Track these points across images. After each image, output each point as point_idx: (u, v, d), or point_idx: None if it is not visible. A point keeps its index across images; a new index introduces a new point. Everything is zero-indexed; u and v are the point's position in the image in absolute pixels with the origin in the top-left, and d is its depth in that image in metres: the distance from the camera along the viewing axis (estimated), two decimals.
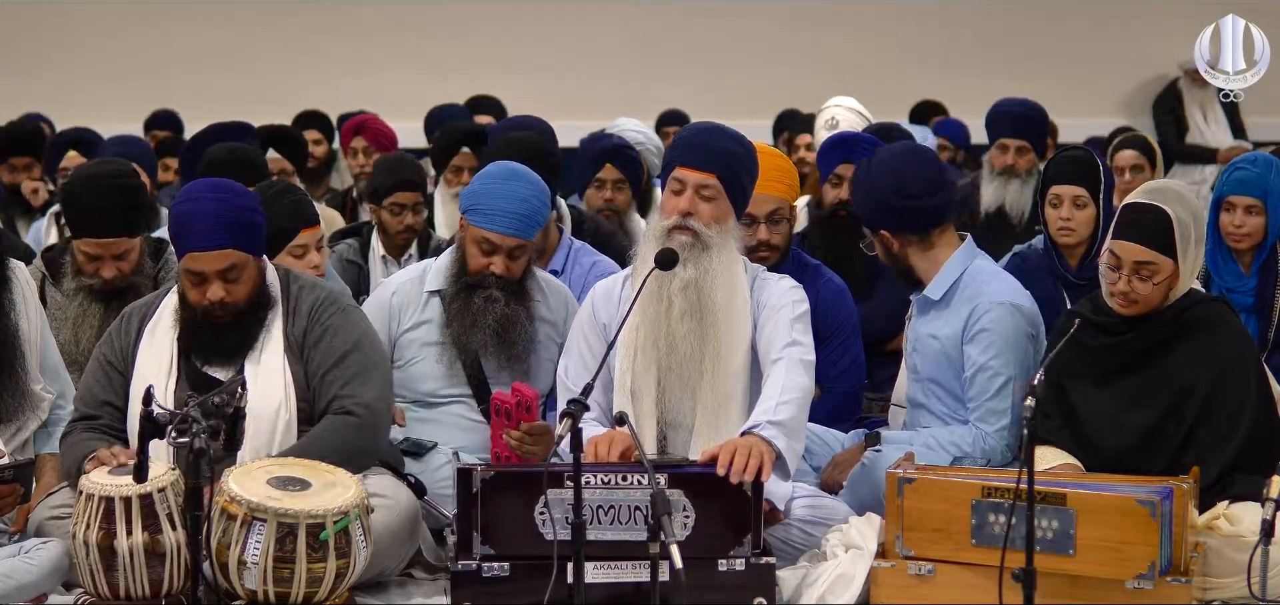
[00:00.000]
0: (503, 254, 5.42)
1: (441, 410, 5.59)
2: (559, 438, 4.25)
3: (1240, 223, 5.90)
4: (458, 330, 5.47)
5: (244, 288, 4.96)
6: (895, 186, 5.35)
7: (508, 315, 5.44)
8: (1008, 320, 5.28)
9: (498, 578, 4.63)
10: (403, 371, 5.58)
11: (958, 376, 5.35)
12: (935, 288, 5.36)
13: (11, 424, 5.19)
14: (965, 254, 5.40)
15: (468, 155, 7.74)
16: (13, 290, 5.21)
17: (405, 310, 5.57)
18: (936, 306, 5.38)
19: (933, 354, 5.39)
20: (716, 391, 5.00)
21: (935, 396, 5.42)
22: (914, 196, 5.34)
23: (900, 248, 5.39)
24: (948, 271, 5.36)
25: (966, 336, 5.31)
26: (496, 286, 5.43)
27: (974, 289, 5.33)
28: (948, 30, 12.75)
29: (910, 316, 5.57)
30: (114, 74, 11.90)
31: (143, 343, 5.04)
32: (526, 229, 5.45)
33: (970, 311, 5.30)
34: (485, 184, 5.50)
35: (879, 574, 4.74)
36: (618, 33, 12.58)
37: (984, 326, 5.27)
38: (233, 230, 4.92)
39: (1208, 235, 5.94)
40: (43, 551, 4.78)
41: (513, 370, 5.50)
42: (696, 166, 5.06)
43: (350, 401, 4.97)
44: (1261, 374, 5.04)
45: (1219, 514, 4.82)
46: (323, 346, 5.01)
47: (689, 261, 5.00)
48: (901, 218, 5.36)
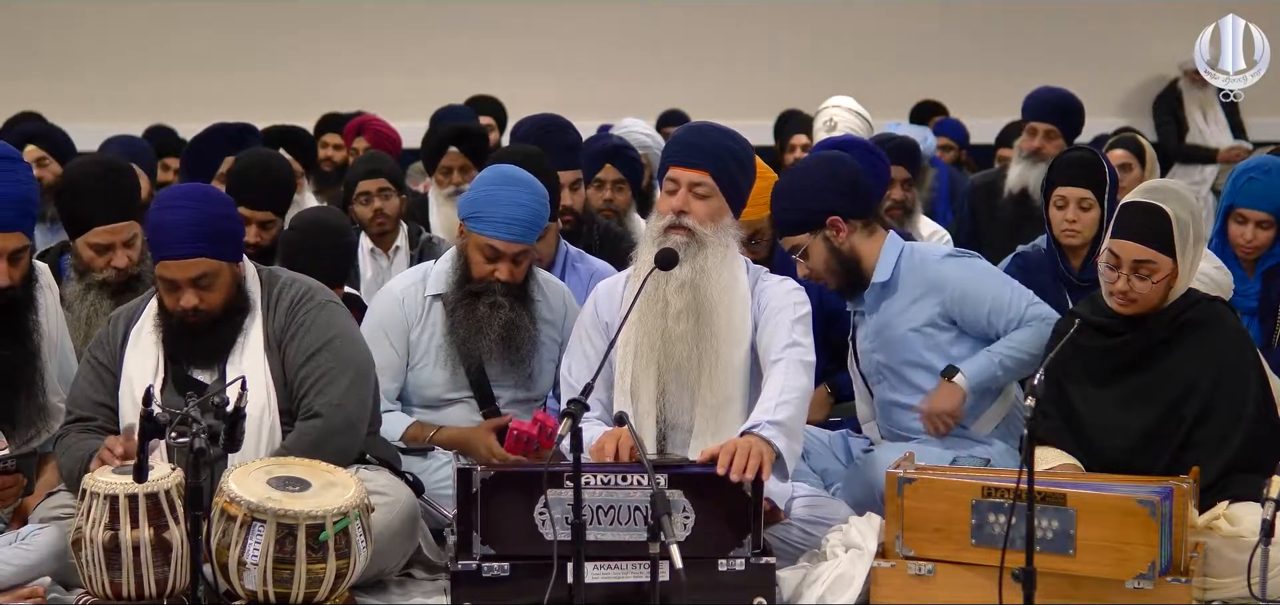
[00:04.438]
0: (507, 260, 5.42)
1: (443, 412, 5.59)
2: (559, 437, 4.25)
3: (1252, 237, 5.91)
4: (463, 336, 5.46)
5: (218, 295, 4.95)
6: (836, 169, 5.50)
7: (512, 320, 5.44)
8: (964, 261, 5.49)
9: (498, 578, 4.63)
10: (410, 375, 5.58)
11: (930, 348, 5.41)
12: (882, 271, 5.44)
13: (26, 434, 5.20)
14: (896, 237, 5.54)
15: (456, 155, 7.74)
16: (37, 309, 5.21)
17: (412, 315, 5.57)
18: (886, 292, 5.46)
19: (896, 338, 5.43)
20: (715, 392, 5.00)
21: (908, 385, 5.44)
22: (856, 176, 5.51)
23: (848, 236, 5.43)
24: (888, 253, 5.46)
25: (953, 309, 5.40)
26: (501, 292, 5.43)
27: (917, 260, 5.46)
28: (948, 30, 12.74)
29: (854, 333, 5.61)
30: (114, 74, 11.90)
31: (129, 347, 5.03)
32: (529, 233, 5.45)
33: (928, 286, 5.40)
34: (485, 191, 5.48)
35: (879, 574, 4.74)
36: (618, 33, 12.58)
37: (957, 284, 5.40)
38: (205, 239, 4.91)
39: (1213, 240, 5.95)
40: (40, 537, 4.82)
41: (516, 373, 5.50)
42: (689, 165, 5.07)
43: (318, 402, 4.96)
44: (1261, 374, 5.04)
45: (1219, 514, 4.82)
46: (296, 342, 5.01)
47: (684, 261, 5.00)
48: (853, 195, 5.45)
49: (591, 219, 6.85)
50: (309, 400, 4.96)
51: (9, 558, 4.78)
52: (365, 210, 7.19)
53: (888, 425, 5.57)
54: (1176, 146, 11.76)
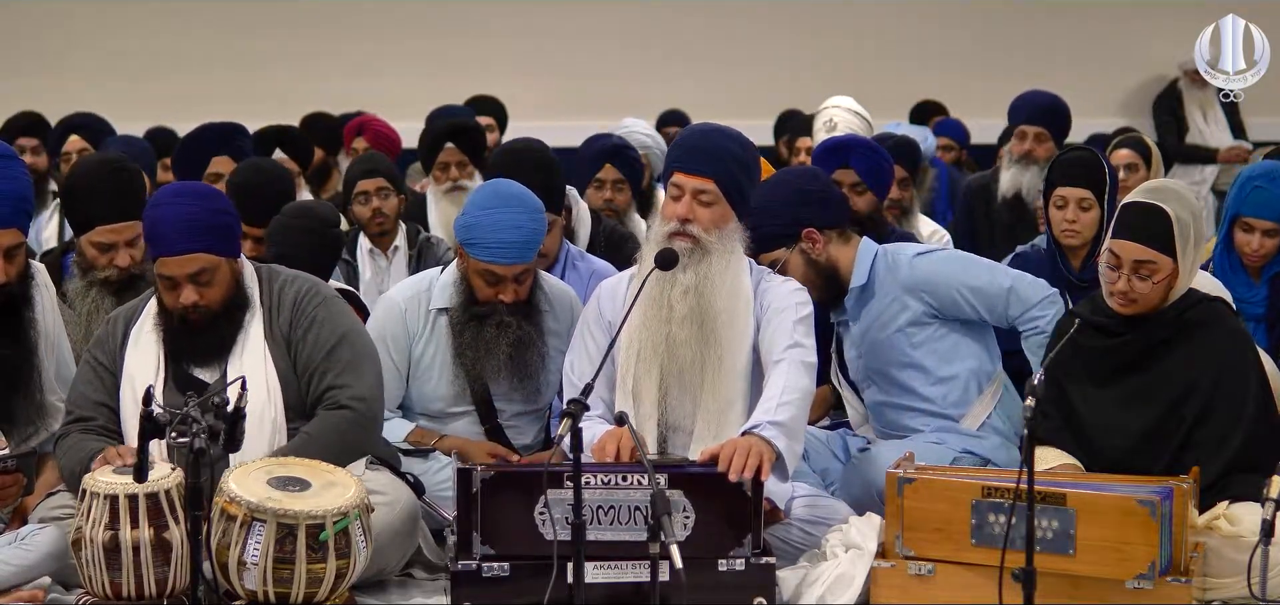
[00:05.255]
0: (509, 282, 5.39)
1: (446, 425, 5.58)
2: (559, 437, 4.25)
3: (1259, 246, 5.90)
4: (471, 359, 5.43)
5: (217, 291, 4.95)
6: (807, 182, 5.60)
7: (521, 339, 5.41)
8: (934, 255, 5.57)
9: (498, 578, 4.63)
10: (412, 387, 5.57)
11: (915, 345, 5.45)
12: (858, 274, 5.50)
13: (25, 432, 5.19)
14: (869, 242, 5.58)
15: (452, 150, 7.75)
16: (34, 307, 5.21)
17: (415, 327, 5.55)
18: (866, 295, 5.51)
19: (882, 342, 5.46)
20: (717, 396, 5.00)
21: (898, 386, 5.46)
22: (826, 187, 5.62)
23: (824, 246, 5.48)
24: (863, 258, 5.52)
25: (933, 303, 5.44)
26: (507, 312, 5.40)
27: (891, 261, 5.51)
28: (948, 30, 12.74)
29: (838, 344, 5.63)
30: (114, 74, 11.88)
31: (129, 347, 5.03)
32: (527, 252, 5.38)
33: (903, 286, 5.45)
34: (478, 215, 5.38)
35: (879, 574, 4.74)
36: (618, 33, 12.57)
37: (930, 278, 5.45)
38: (201, 234, 4.91)
39: (1218, 246, 5.95)
40: (39, 537, 4.82)
41: (524, 389, 5.49)
42: (693, 172, 5.06)
43: (344, 395, 4.96)
44: (1261, 374, 5.04)
45: (1219, 514, 4.82)
46: (310, 338, 5.00)
47: (689, 266, 5.00)
48: (825, 206, 5.53)
49: (599, 223, 6.85)
50: (334, 394, 4.96)
51: (9, 558, 4.78)
52: (364, 210, 7.19)
53: (883, 426, 5.58)
54: (1176, 146, 11.76)
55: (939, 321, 5.45)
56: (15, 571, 4.77)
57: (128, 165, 5.81)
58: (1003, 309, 5.43)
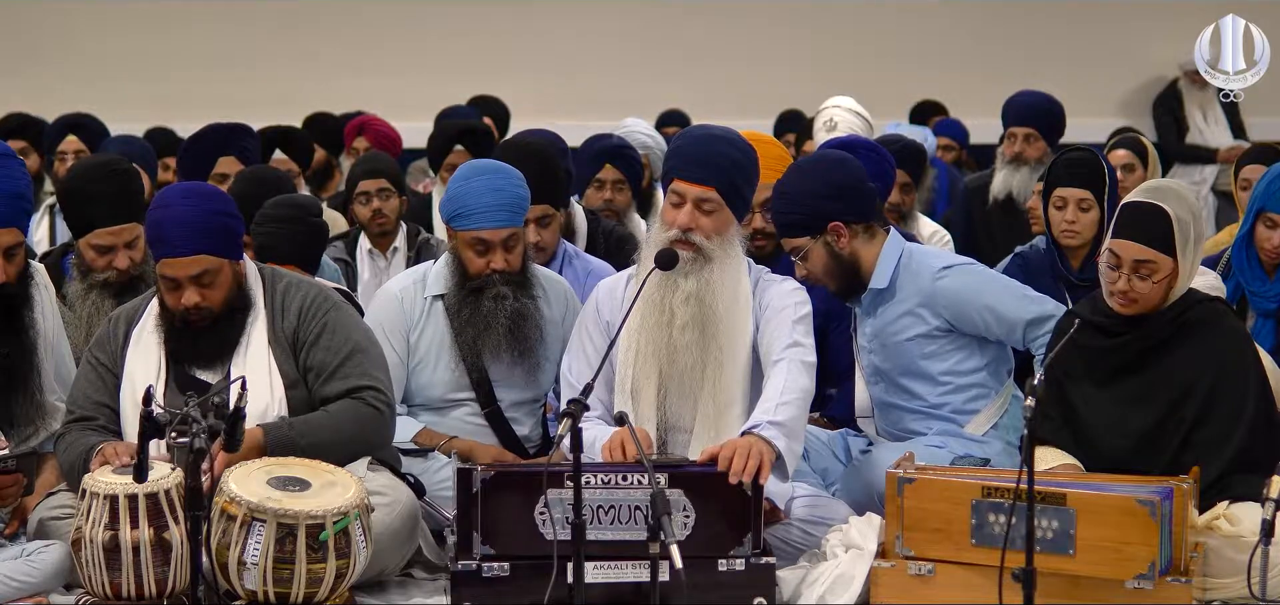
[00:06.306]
0: (498, 248, 5.41)
1: (446, 414, 5.58)
2: (558, 437, 4.25)
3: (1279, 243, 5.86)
4: (471, 335, 5.44)
5: (219, 292, 4.95)
6: (840, 173, 5.42)
7: (518, 309, 5.42)
8: (961, 271, 5.42)
9: (498, 578, 4.63)
10: (410, 377, 5.58)
11: (926, 356, 5.39)
12: (880, 277, 5.39)
13: (25, 432, 5.19)
14: (897, 240, 5.47)
15: (461, 152, 7.75)
16: (33, 306, 5.21)
17: (412, 316, 5.56)
18: (884, 297, 5.42)
19: (894, 347, 5.41)
20: (717, 399, 5.02)
21: (904, 391, 5.44)
22: (860, 179, 5.44)
23: (848, 241, 5.38)
24: (887, 258, 5.40)
25: (950, 320, 5.36)
26: (502, 283, 5.42)
27: (916, 267, 5.40)
28: (948, 30, 12.74)
29: (855, 326, 5.60)
30: (114, 74, 11.88)
31: (130, 347, 5.03)
32: (514, 216, 5.42)
33: (923, 298, 5.36)
34: (459, 186, 5.44)
35: (879, 574, 4.74)
36: (618, 33, 12.57)
37: (952, 298, 5.35)
38: (204, 235, 4.91)
39: (1239, 237, 5.93)
40: (45, 554, 4.80)
41: (523, 365, 5.49)
42: (696, 180, 5.06)
43: (372, 395, 4.98)
44: (1261, 374, 5.04)
45: (1219, 514, 4.82)
46: (323, 343, 5.00)
47: (691, 273, 5.01)
48: (855, 199, 5.38)
49: (598, 224, 6.85)
50: (362, 390, 4.98)
51: (13, 573, 4.74)
52: (364, 210, 7.20)
53: (886, 425, 5.58)
54: (1176, 146, 11.76)
55: (953, 335, 5.41)
56: (20, 587, 4.75)
57: (126, 167, 5.80)
58: (1021, 335, 5.39)
